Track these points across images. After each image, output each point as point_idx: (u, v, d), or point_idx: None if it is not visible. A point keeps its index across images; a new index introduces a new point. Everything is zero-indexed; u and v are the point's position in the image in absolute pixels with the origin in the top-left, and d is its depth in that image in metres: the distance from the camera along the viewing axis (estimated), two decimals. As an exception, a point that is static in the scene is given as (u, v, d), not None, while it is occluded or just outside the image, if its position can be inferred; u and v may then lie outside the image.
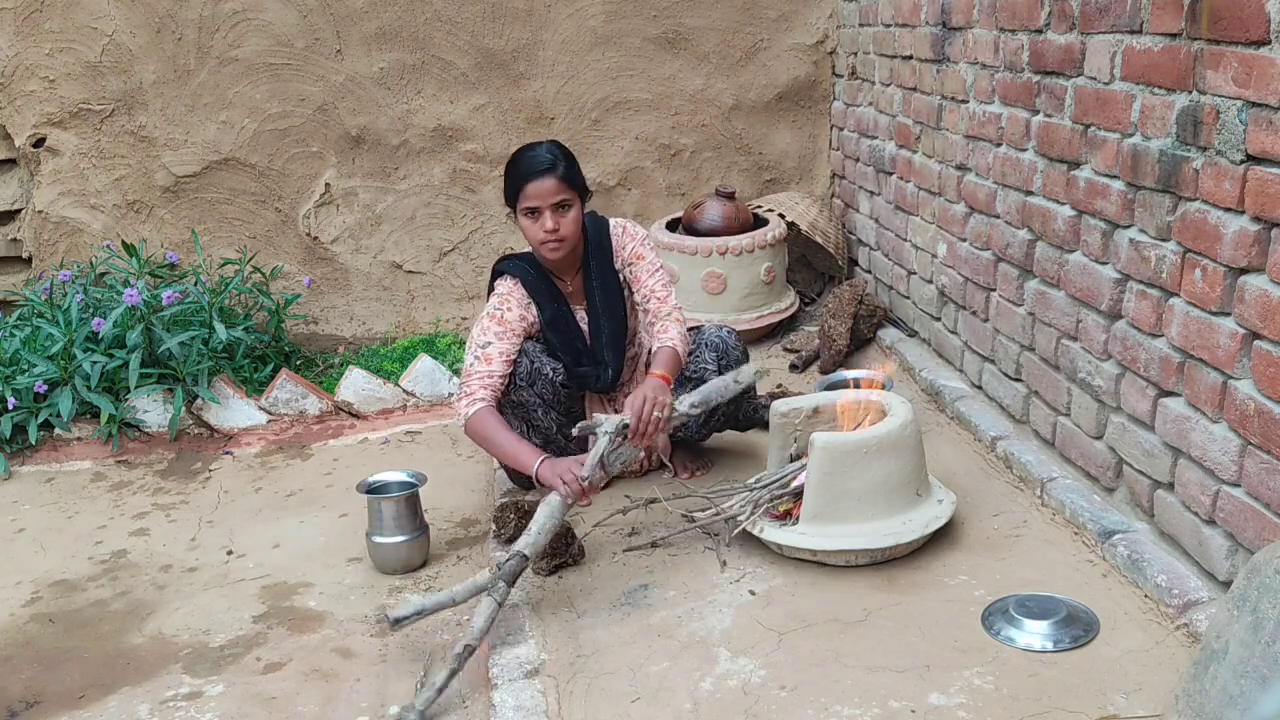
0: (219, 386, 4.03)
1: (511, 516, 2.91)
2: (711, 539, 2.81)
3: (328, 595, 2.90)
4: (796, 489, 2.71)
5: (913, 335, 4.09)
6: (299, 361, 4.60)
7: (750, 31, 4.75)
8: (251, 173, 4.61)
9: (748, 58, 4.78)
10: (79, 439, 3.91)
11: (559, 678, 2.29)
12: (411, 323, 4.84)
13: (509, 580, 2.45)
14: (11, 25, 4.34)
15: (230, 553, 3.17)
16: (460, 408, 2.92)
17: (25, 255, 4.66)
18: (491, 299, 3.03)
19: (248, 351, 4.35)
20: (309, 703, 2.43)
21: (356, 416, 4.10)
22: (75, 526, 3.41)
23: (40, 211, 4.57)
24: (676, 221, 4.59)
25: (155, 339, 3.93)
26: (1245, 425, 2.17)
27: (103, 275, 4.42)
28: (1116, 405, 2.66)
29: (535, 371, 2.99)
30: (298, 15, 4.44)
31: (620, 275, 3.10)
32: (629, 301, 3.14)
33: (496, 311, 2.99)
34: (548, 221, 2.88)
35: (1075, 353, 2.84)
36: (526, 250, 3.12)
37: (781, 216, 4.57)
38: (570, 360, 3.06)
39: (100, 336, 3.90)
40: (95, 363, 3.84)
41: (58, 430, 3.89)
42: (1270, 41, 2.02)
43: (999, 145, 3.23)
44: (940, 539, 2.69)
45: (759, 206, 4.67)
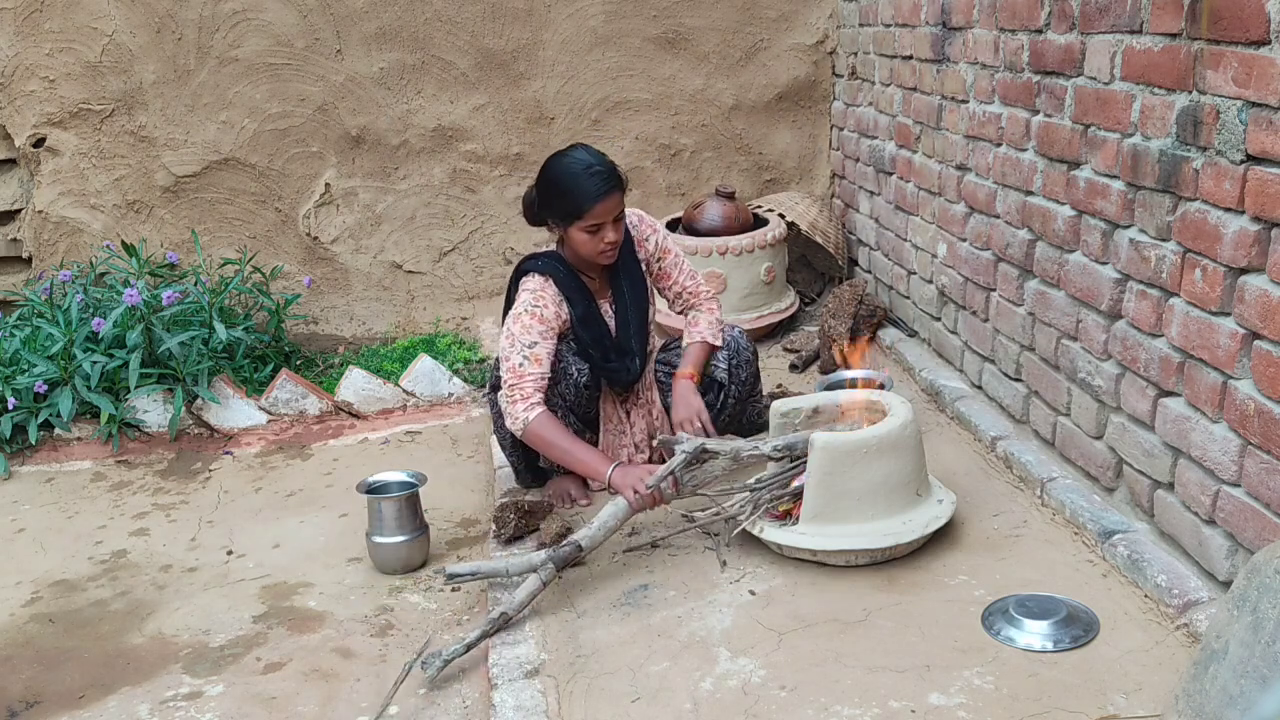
0: (219, 386, 4.03)
1: (511, 516, 2.91)
2: (711, 539, 2.81)
3: (328, 595, 2.90)
4: (796, 489, 2.70)
5: (913, 335, 4.09)
6: (299, 361, 4.60)
7: (750, 31, 4.75)
8: (251, 173, 4.61)
9: (748, 58, 4.78)
10: (79, 439, 3.91)
11: (559, 678, 2.29)
12: (411, 323, 4.84)
13: (559, 564, 2.57)
14: (11, 25, 4.34)
15: (230, 553, 3.17)
16: (518, 411, 2.83)
17: (25, 255, 4.67)
18: (524, 297, 2.92)
19: (248, 351, 4.35)
20: (309, 703, 2.43)
21: (356, 416, 4.10)
22: (75, 526, 3.41)
23: (40, 211, 4.57)
24: (676, 221, 4.58)
25: (155, 339, 3.93)
26: (1245, 425, 2.17)
27: (103, 275, 4.43)
28: (1116, 405, 2.66)
29: (562, 372, 2.97)
30: (298, 15, 4.44)
31: (644, 265, 3.11)
32: (651, 293, 3.16)
33: (536, 309, 2.89)
34: (609, 234, 2.86)
35: (1075, 353, 2.84)
36: (550, 249, 3.08)
37: (781, 216, 4.57)
38: (600, 356, 3.02)
39: (100, 336, 3.90)
40: (95, 363, 3.84)
41: (58, 430, 3.89)
42: (1270, 41, 2.02)
43: (999, 145, 3.23)
44: (940, 539, 2.69)
45: (759, 206, 4.67)
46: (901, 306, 4.21)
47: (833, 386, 3.40)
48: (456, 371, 4.29)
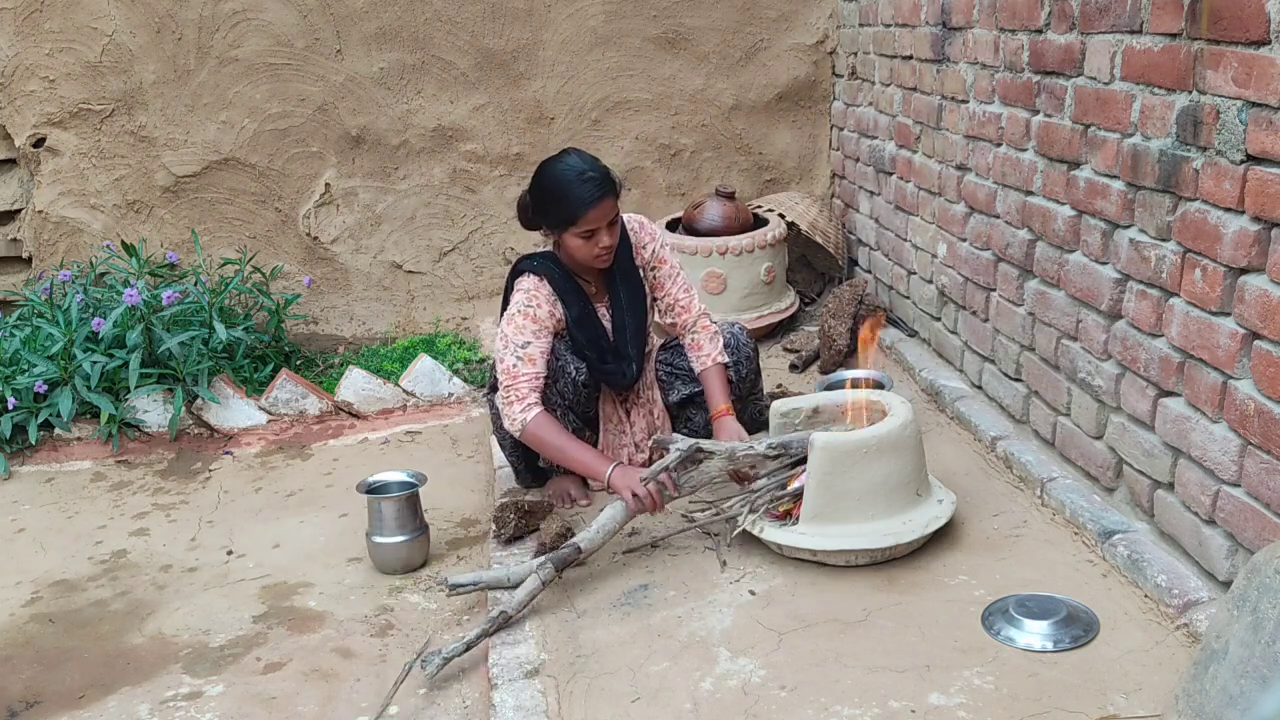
0: (219, 386, 4.03)
1: (511, 516, 2.91)
2: (711, 539, 2.81)
3: (328, 595, 2.90)
4: (796, 489, 2.70)
5: (913, 335, 4.09)
6: (299, 361, 4.60)
7: (750, 31, 4.75)
8: (251, 173, 4.61)
9: (748, 58, 4.78)
10: (79, 439, 3.91)
11: (559, 678, 2.29)
12: (411, 323, 4.84)
13: (558, 565, 2.57)
14: (11, 25, 4.34)
15: (230, 553, 3.17)
16: (515, 413, 2.83)
17: (25, 255, 4.67)
18: (518, 296, 2.93)
19: (248, 351, 4.35)
20: (309, 703, 2.43)
21: (356, 416, 4.10)
22: (75, 526, 3.41)
23: (40, 211, 4.57)
24: (676, 221, 4.58)
25: (155, 339, 3.93)
26: (1245, 425, 2.17)
27: (103, 275, 4.43)
28: (1116, 405, 2.66)
29: (560, 370, 2.96)
30: (298, 15, 4.44)
31: (641, 271, 3.10)
32: (649, 298, 3.15)
33: (529, 309, 2.89)
34: (604, 239, 2.85)
35: (1075, 353, 2.84)
36: (546, 249, 3.07)
37: (781, 216, 4.57)
38: (595, 357, 3.02)
39: (100, 336, 3.90)
40: (95, 363, 3.84)
41: (58, 430, 3.89)
42: (1270, 41, 2.02)
43: (999, 145, 3.23)
44: (940, 539, 2.69)
45: (759, 206, 4.67)
46: (901, 306, 4.21)
47: (833, 386, 3.40)
48: (456, 371, 4.29)
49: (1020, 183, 3.10)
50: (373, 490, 3.00)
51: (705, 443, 2.76)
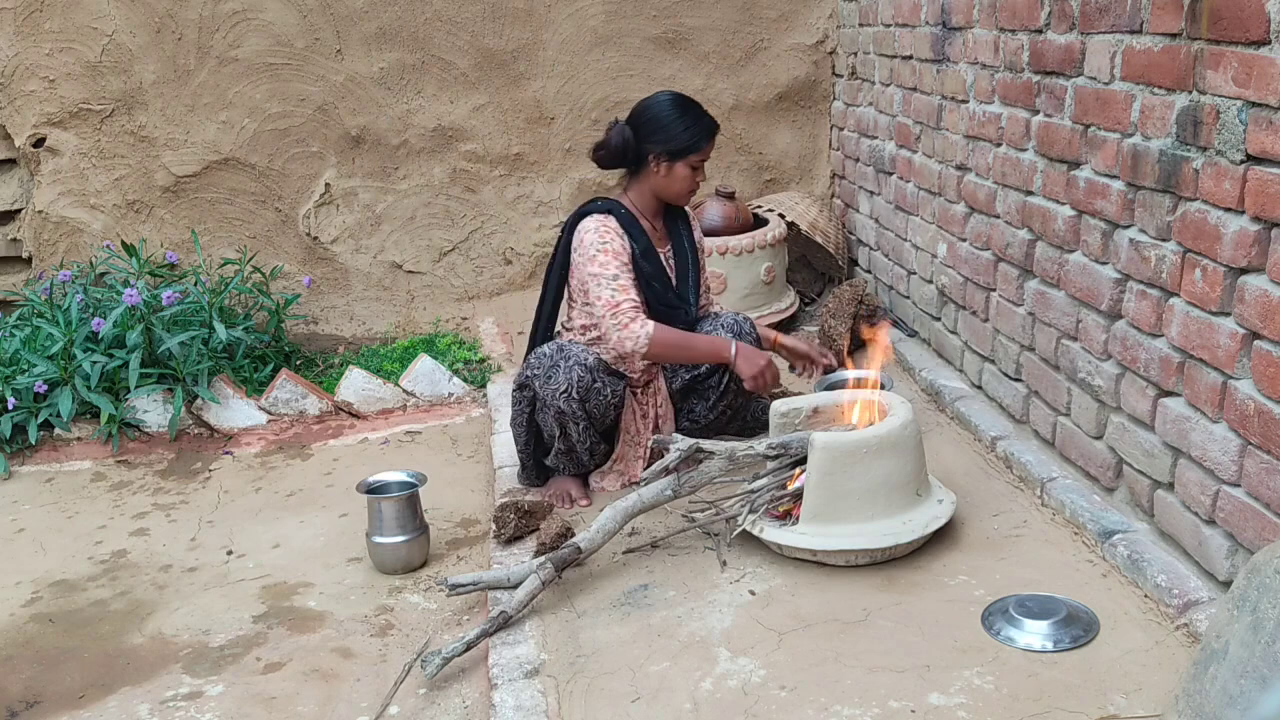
0: (219, 386, 4.03)
1: (511, 517, 2.91)
2: (711, 539, 2.81)
3: (328, 595, 2.90)
4: (796, 489, 2.70)
5: (913, 335, 4.09)
6: (299, 361, 4.60)
7: (750, 31, 4.75)
8: (251, 173, 4.61)
9: (748, 58, 4.78)
10: (79, 439, 3.91)
11: (559, 678, 2.29)
12: (411, 323, 4.84)
13: (558, 565, 2.58)
14: (11, 25, 4.34)
15: (230, 553, 3.17)
16: (634, 332, 2.89)
17: (25, 255, 4.67)
18: (589, 236, 3.01)
19: (248, 351, 4.35)
20: (309, 703, 2.43)
21: (356, 416, 4.10)
22: (75, 526, 3.41)
23: (40, 211, 4.57)
24: (676, 221, 4.58)
25: (155, 339, 3.93)
26: (1245, 425, 2.17)
27: (103, 275, 4.43)
28: (1116, 405, 2.66)
29: (591, 388, 2.97)
30: (298, 15, 4.44)
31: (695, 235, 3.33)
32: (701, 253, 3.36)
33: (605, 245, 2.99)
34: (702, 174, 3.10)
35: (1075, 353, 2.84)
36: (601, 197, 3.23)
37: (781, 216, 4.57)
38: (660, 289, 3.14)
39: (100, 336, 3.90)
40: (95, 363, 3.84)
41: (58, 430, 3.89)
42: (1270, 41, 2.02)
43: (999, 145, 3.23)
44: (940, 539, 2.69)
45: (759, 206, 4.67)
46: (901, 306, 4.21)
47: (833, 386, 3.40)
48: (456, 371, 4.29)
49: (1020, 183, 3.10)
50: (373, 490, 3.00)
51: (705, 443, 2.77)
